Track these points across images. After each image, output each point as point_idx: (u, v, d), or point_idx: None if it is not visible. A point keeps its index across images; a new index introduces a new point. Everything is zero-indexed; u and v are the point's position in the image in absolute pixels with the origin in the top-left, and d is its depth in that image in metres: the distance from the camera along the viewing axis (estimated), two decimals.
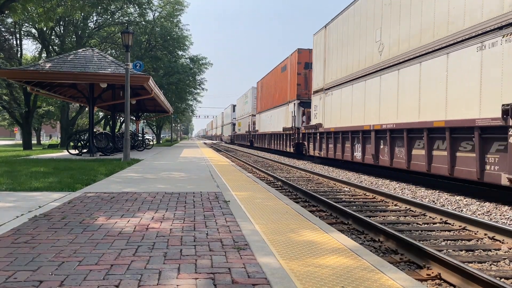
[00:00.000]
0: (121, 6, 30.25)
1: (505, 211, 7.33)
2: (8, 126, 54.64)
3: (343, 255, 3.34)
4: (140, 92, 18.64)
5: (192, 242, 3.64)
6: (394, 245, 5.01)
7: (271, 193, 6.87)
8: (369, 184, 11.12)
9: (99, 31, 33.72)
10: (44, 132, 73.31)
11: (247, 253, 3.31)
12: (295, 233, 4.04)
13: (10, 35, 28.14)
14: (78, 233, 3.90)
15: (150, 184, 7.81)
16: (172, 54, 39.61)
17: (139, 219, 4.56)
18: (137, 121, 31.14)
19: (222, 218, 4.66)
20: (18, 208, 5.14)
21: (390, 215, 7.16)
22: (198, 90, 45.42)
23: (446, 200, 8.59)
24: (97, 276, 2.75)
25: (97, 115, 39.70)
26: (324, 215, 7.14)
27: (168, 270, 2.90)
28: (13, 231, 3.95)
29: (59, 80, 15.87)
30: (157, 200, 5.91)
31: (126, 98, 14.53)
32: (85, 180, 7.99)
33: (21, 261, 3.03)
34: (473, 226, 5.98)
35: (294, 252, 3.37)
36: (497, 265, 4.46)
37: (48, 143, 43.42)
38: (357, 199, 8.86)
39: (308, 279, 2.76)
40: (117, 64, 16.39)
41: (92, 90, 17.20)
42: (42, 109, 39.04)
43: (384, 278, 2.82)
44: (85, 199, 5.91)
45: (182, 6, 38.33)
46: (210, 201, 5.82)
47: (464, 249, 5.01)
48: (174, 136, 68.06)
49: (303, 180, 12.38)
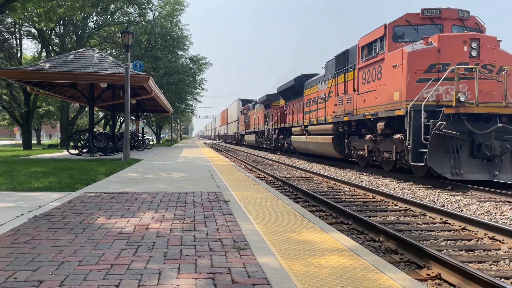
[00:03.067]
0: (121, 6, 30.23)
1: (505, 211, 7.33)
2: (8, 126, 54.59)
3: (343, 255, 3.34)
4: (140, 92, 18.63)
5: (192, 242, 3.64)
6: (394, 245, 5.01)
7: (271, 193, 6.87)
8: (369, 184, 11.11)
9: (99, 31, 33.71)
10: (44, 132, 73.31)
11: (247, 253, 3.31)
12: (295, 233, 4.04)
13: (10, 35, 28.14)
14: (78, 233, 3.90)
15: (150, 184, 7.81)
16: (172, 54, 39.62)
17: (139, 219, 4.56)
18: (137, 121, 31.14)
19: (222, 218, 4.66)
20: (18, 208, 5.14)
21: (390, 215, 7.16)
22: (198, 90, 45.48)
23: (446, 200, 8.59)
24: (97, 276, 2.75)
25: (97, 115, 39.70)
26: (324, 215, 7.14)
27: (168, 270, 2.90)
28: (13, 231, 3.95)
29: (59, 80, 15.86)
30: (157, 200, 5.91)
31: (126, 98, 14.53)
32: (85, 180, 7.99)
33: (21, 261, 3.03)
34: (473, 226, 5.97)
35: (294, 252, 3.37)
36: (497, 265, 4.46)
37: (48, 143, 43.44)
38: (357, 199, 8.86)
39: (308, 279, 2.76)
40: (117, 64, 16.39)
41: (92, 90, 17.20)
42: (42, 109, 39.00)
43: (384, 278, 2.82)
44: (85, 199, 5.91)
45: (182, 6, 38.36)
46: (210, 201, 5.82)
47: (464, 249, 5.01)
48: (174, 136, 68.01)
49: (303, 180, 12.39)
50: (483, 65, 10.36)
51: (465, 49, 10.44)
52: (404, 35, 12.14)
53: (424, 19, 11.98)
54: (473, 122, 10.06)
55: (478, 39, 10.48)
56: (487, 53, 10.43)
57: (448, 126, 9.83)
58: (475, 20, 12.17)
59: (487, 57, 10.42)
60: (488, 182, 10.27)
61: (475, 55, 10.38)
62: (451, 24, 11.91)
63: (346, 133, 15.57)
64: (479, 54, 10.37)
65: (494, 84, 10.37)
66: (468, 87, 10.28)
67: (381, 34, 12.28)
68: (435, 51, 10.63)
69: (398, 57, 11.24)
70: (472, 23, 12.13)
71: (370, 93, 13.00)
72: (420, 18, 11.97)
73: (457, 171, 9.85)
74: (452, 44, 10.57)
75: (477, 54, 10.38)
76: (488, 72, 10.39)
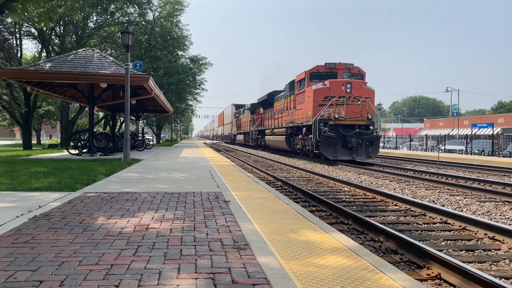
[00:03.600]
0: (121, 6, 30.24)
1: (505, 211, 7.33)
2: (8, 126, 54.65)
3: (343, 255, 3.34)
4: (140, 92, 18.63)
5: (192, 242, 3.64)
6: (394, 245, 5.01)
7: (271, 193, 6.87)
8: (369, 184, 11.12)
9: (99, 31, 33.71)
10: (44, 132, 73.34)
11: (247, 253, 3.31)
12: (295, 233, 4.04)
13: (10, 35, 28.14)
14: (78, 233, 3.90)
15: (150, 184, 7.81)
16: (172, 54, 39.60)
17: (139, 219, 4.56)
18: (137, 121, 31.14)
19: (222, 218, 4.66)
20: (18, 208, 5.14)
21: (390, 215, 7.15)
22: (198, 90, 45.47)
23: (446, 200, 8.59)
24: (97, 276, 2.75)
25: (97, 115, 39.71)
26: (324, 215, 7.14)
27: (168, 270, 2.90)
28: (13, 231, 3.95)
29: (59, 80, 15.86)
30: (157, 200, 5.91)
31: (126, 98, 14.53)
32: (85, 180, 7.99)
33: (21, 261, 3.03)
34: (473, 226, 5.97)
35: (294, 252, 3.37)
36: (497, 265, 4.46)
37: (48, 143, 43.44)
38: (357, 199, 8.85)
39: (308, 279, 2.76)
40: (117, 64, 16.39)
41: (92, 90, 17.20)
42: (42, 109, 39.03)
43: (384, 278, 2.82)
44: (85, 199, 5.91)
45: (182, 6, 38.34)
46: (210, 201, 5.82)
47: (464, 249, 5.01)
48: (174, 136, 68.02)
49: (303, 180, 12.38)
50: (354, 97, 18.68)
51: (343, 88, 18.75)
52: (315, 78, 20.35)
53: (326, 68, 20.25)
54: (344, 128, 18.33)
55: (351, 82, 19.01)
56: (356, 90, 18.86)
57: (331, 131, 18.22)
58: (358, 68, 20.57)
59: (356, 92, 18.82)
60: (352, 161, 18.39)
61: (349, 92, 18.74)
62: (342, 72, 20.28)
63: (292, 134, 23.66)
64: (351, 91, 18.78)
65: (358, 107, 18.65)
66: (343, 109, 18.60)
67: (303, 76, 21.12)
68: (328, 89, 18.93)
69: (310, 91, 19.69)
70: (356, 70, 20.47)
71: (300, 110, 21.58)
72: (324, 68, 20.27)
73: (334, 155, 18.12)
74: (336, 85, 18.94)
75: (350, 91, 18.75)
76: (357, 101, 18.64)
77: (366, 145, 18.34)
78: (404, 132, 60.83)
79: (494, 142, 27.89)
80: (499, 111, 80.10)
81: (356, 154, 18.27)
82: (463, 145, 31.98)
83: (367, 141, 18.38)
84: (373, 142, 18.70)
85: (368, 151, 18.44)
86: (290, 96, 23.49)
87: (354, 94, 18.58)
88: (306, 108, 20.14)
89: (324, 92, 18.73)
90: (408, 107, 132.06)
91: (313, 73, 20.39)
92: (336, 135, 18.00)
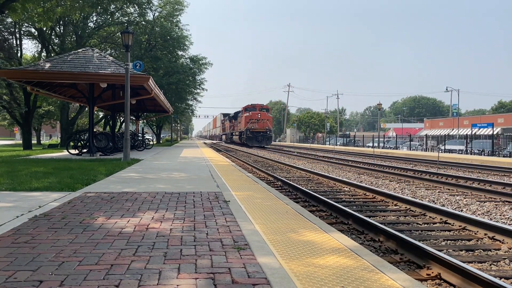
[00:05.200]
0: (121, 6, 30.23)
1: (505, 211, 7.34)
2: (8, 126, 54.62)
3: (343, 255, 3.34)
4: (140, 92, 18.63)
5: (192, 242, 3.64)
6: (394, 245, 5.01)
7: (271, 193, 6.87)
8: (369, 184, 11.12)
9: (99, 31, 33.70)
10: (44, 132, 73.33)
11: (247, 253, 3.31)
12: (295, 233, 4.04)
13: (10, 35, 28.14)
14: (78, 233, 3.90)
15: (150, 184, 7.81)
16: (172, 54, 39.61)
17: (139, 219, 4.56)
18: (137, 121, 31.13)
19: (222, 218, 4.66)
20: (18, 208, 5.14)
21: (390, 215, 7.16)
22: (198, 90, 45.48)
23: (446, 200, 8.59)
24: (97, 276, 2.75)
25: (97, 115, 39.70)
26: (324, 215, 7.14)
27: (168, 270, 2.90)
28: (13, 231, 3.95)
29: (59, 80, 15.86)
30: (157, 200, 5.91)
31: (126, 98, 14.53)
32: (85, 180, 7.99)
33: (21, 261, 3.03)
34: (473, 226, 5.98)
35: (294, 252, 3.37)
36: (497, 265, 4.46)
37: (48, 143, 43.46)
38: (357, 199, 8.86)
39: (308, 279, 2.76)
40: (117, 64, 16.39)
41: (92, 90, 17.19)
42: (42, 109, 39.04)
43: (384, 278, 2.82)
44: (85, 199, 5.91)
45: (182, 6, 38.35)
46: (210, 201, 5.82)
47: (464, 249, 5.01)
48: (174, 136, 68.06)
49: (303, 180, 12.39)
50: (261, 120, 43.95)
51: (258, 115, 44.19)
52: (246, 110, 45.64)
53: (252, 106, 45.60)
54: (256, 133, 43.22)
55: (260, 113, 44.53)
56: (263, 115, 44.61)
57: (251, 134, 43.12)
58: (267, 107, 49.46)
59: (262, 116, 44.41)
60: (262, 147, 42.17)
61: (259, 117, 44.14)
62: (259, 108, 45.38)
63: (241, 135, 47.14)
64: (260, 116, 44.21)
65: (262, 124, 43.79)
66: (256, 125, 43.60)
67: (243, 108, 47.36)
68: (250, 116, 44.30)
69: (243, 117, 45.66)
70: (265, 106, 47.78)
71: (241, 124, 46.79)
72: (251, 106, 45.67)
73: (252, 144, 43.02)
74: (254, 114, 44.31)
75: (259, 117, 44.15)
76: (262, 120, 43.95)
77: (265, 140, 43.19)
78: (404, 132, 60.97)
79: (494, 142, 27.91)
80: (499, 111, 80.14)
81: (261, 143, 42.62)
82: (463, 145, 32.05)
83: (265, 138, 43.25)
84: (268, 139, 43.53)
85: (266, 143, 43.38)
86: (239, 117, 49.13)
87: (261, 118, 43.70)
88: (242, 124, 45.51)
89: (249, 117, 43.86)
90: (408, 107, 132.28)
91: (246, 108, 45.55)
92: (253, 135, 42.68)
